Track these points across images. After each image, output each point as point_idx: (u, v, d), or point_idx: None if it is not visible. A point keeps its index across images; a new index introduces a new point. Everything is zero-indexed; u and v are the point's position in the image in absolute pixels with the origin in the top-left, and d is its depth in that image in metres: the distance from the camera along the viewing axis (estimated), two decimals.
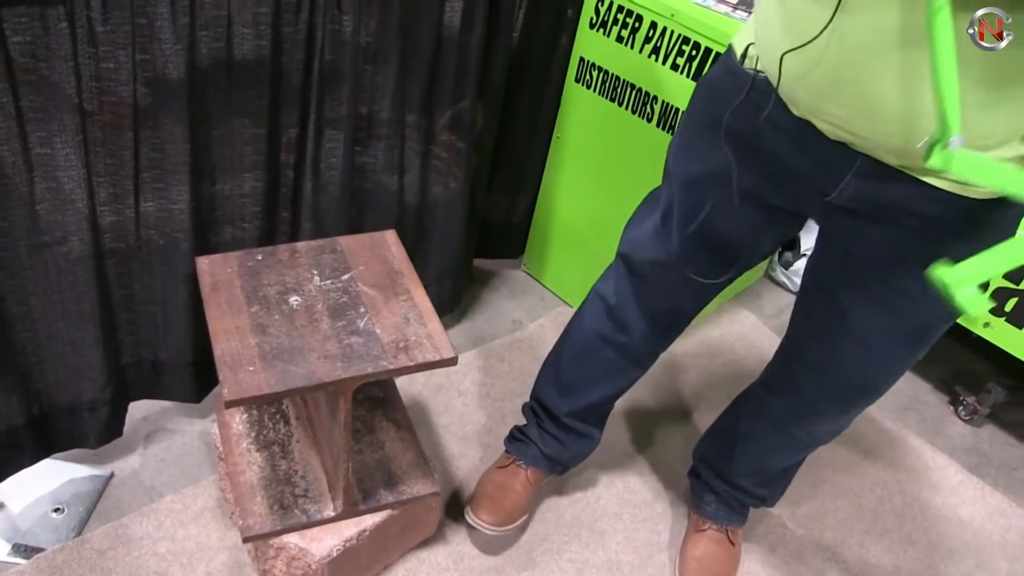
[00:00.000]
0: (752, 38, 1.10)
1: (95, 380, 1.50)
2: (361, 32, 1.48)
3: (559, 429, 1.60)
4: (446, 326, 1.35)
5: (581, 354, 1.53)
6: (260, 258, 1.31)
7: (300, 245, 1.35)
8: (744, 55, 1.12)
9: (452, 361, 1.21)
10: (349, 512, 1.38)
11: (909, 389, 2.23)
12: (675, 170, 1.29)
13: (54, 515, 1.53)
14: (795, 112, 1.05)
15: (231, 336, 1.16)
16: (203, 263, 1.30)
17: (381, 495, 1.42)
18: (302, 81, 1.46)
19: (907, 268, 1.09)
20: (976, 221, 1.03)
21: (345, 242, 1.38)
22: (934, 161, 0.82)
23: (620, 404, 1.98)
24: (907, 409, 2.17)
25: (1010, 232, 1.08)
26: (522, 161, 2.10)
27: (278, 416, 1.51)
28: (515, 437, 1.68)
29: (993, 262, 0.85)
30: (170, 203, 1.42)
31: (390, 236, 1.41)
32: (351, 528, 1.38)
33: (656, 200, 1.35)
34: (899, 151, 0.97)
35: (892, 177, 1.01)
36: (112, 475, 1.63)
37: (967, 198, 0.99)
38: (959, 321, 1.95)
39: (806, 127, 1.04)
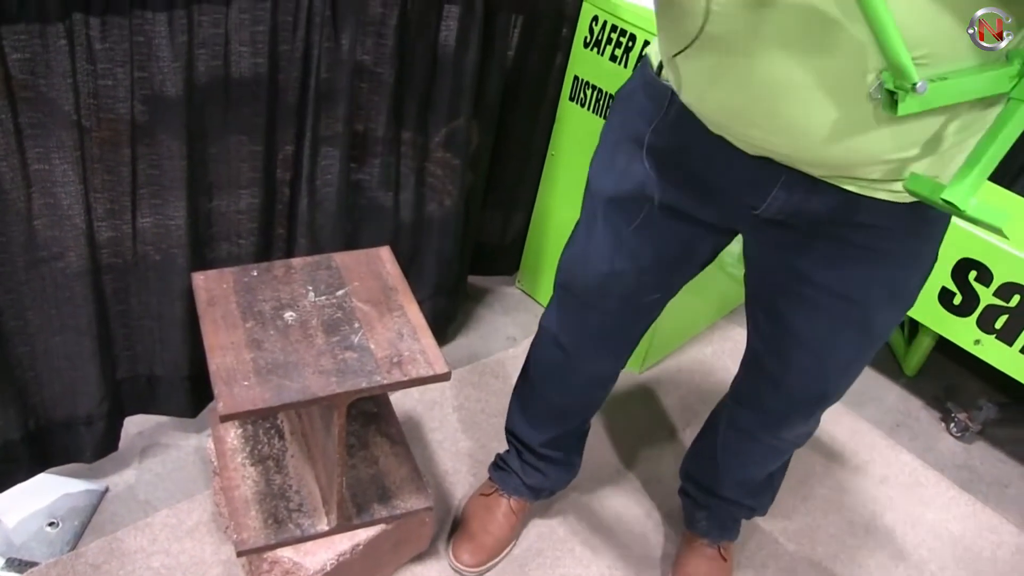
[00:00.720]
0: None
1: (91, 395, 1.51)
2: (357, 50, 1.50)
3: (538, 460, 1.59)
4: (440, 342, 1.36)
5: (539, 386, 1.52)
6: (256, 274, 1.33)
7: (295, 261, 1.37)
8: (660, 67, 1.09)
9: (445, 376, 1.22)
10: (343, 526, 1.39)
11: (901, 405, 2.24)
12: (598, 187, 1.25)
13: (49, 529, 1.53)
14: (711, 129, 1.03)
15: (226, 351, 1.17)
16: (199, 279, 1.31)
17: (375, 510, 1.42)
18: (298, 99, 1.48)
19: (843, 273, 1.09)
20: (906, 221, 1.03)
21: (340, 258, 1.39)
22: (908, 107, 0.81)
23: (612, 421, 1.99)
24: (899, 425, 2.18)
25: (939, 232, 1.09)
26: (516, 179, 2.12)
27: (273, 431, 1.52)
28: (498, 465, 1.68)
29: (983, 166, 0.85)
30: (167, 219, 1.43)
31: (384, 252, 1.43)
32: (345, 542, 1.39)
33: (582, 222, 1.33)
34: (820, 163, 0.96)
35: (818, 188, 1.00)
36: (107, 490, 1.63)
37: (894, 203, 0.99)
38: (951, 339, 1.97)
39: (726, 142, 1.02)
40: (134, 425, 1.73)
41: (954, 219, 1.06)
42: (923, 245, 1.10)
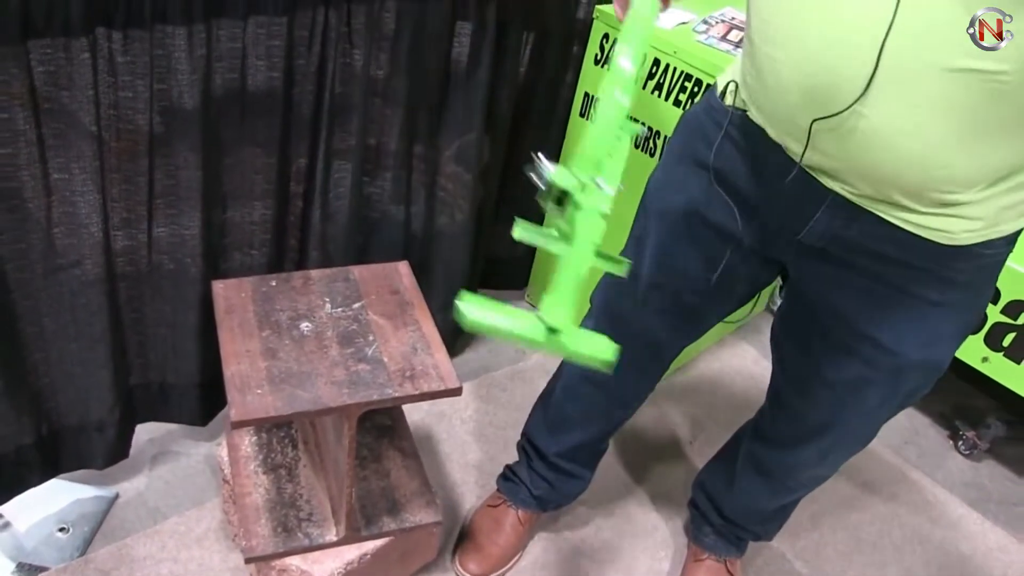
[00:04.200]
0: (733, 76, 1.11)
1: (104, 401, 1.53)
2: (371, 65, 1.52)
3: (548, 469, 1.60)
4: (449, 355, 1.37)
5: (567, 393, 1.53)
6: (274, 284, 1.34)
7: (314, 273, 1.38)
8: (724, 91, 1.13)
9: (457, 391, 1.23)
10: (351, 537, 1.40)
11: (908, 423, 2.24)
12: (653, 204, 1.29)
13: (59, 534, 1.55)
14: (773, 136, 1.04)
15: (241, 359, 1.19)
16: (218, 287, 1.32)
17: (384, 522, 1.43)
18: (313, 112, 1.50)
19: (877, 316, 1.09)
20: (945, 265, 1.02)
21: (358, 271, 1.41)
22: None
23: (620, 435, 1.99)
24: (906, 443, 2.17)
25: (985, 286, 1.08)
26: (527, 193, 2.13)
27: (286, 440, 1.53)
28: (506, 477, 1.69)
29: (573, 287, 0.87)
30: (182, 229, 1.45)
31: (402, 267, 1.44)
32: (352, 552, 1.40)
33: (631, 239, 1.34)
34: (861, 174, 0.97)
35: (861, 215, 1.00)
36: (117, 496, 1.65)
37: (935, 243, 0.99)
38: (958, 356, 1.96)
39: (780, 156, 1.03)
40: (145, 432, 1.75)
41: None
42: (962, 297, 1.08)
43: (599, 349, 0.84)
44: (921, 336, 1.10)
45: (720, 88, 1.14)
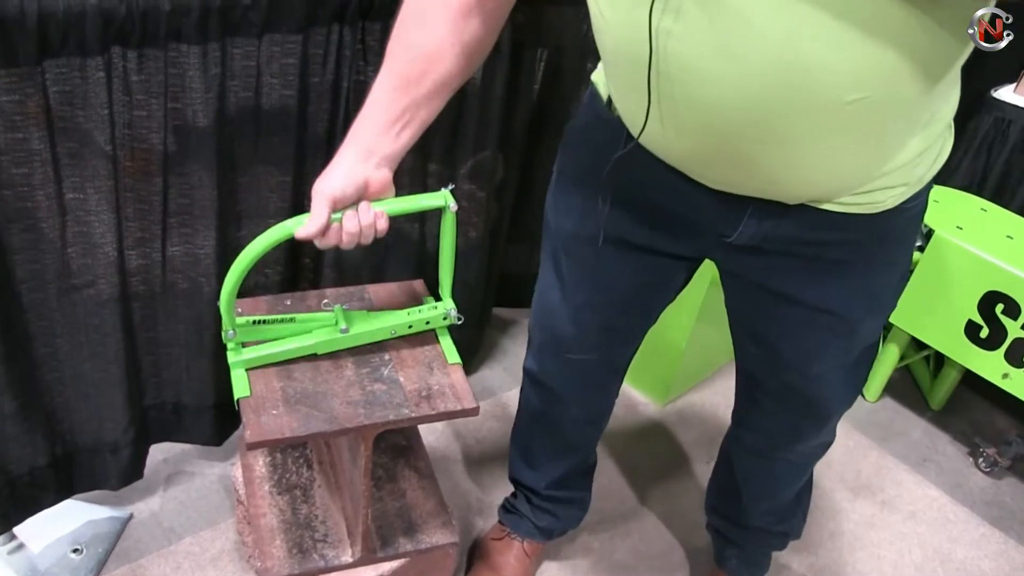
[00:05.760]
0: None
1: (118, 421, 1.52)
2: None
3: (546, 502, 1.57)
4: (464, 374, 1.37)
5: (533, 430, 1.51)
6: (289, 303, 1.33)
7: (329, 292, 1.37)
8: (610, 99, 1.06)
9: (474, 411, 1.22)
10: (367, 559, 1.38)
11: (927, 440, 2.22)
12: (560, 227, 1.23)
13: (73, 555, 1.54)
14: (671, 165, 1.01)
15: (256, 379, 1.18)
16: (234, 307, 1.31)
17: (400, 543, 1.41)
18: (327, 130, 1.49)
19: (822, 289, 1.08)
20: (879, 230, 1.03)
21: (374, 290, 1.40)
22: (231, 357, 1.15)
23: (635, 455, 1.98)
24: (925, 460, 2.15)
25: (912, 234, 1.10)
26: (541, 211, 2.12)
27: (301, 461, 1.52)
28: (508, 509, 1.65)
29: (279, 352, 1.17)
30: (196, 248, 1.45)
31: (418, 285, 1.43)
32: (368, 573, 1.38)
33: (547, 265, 1.31)
34: (788, 196, 0.97)
35: (789, 212, 0.99)
36: (131, 516, 1.64)
37: (867, 215, 0.99)
38: (978, 372, 1.95)
39: (688, 177, 1.01)
40: (159, 452, 1.74)
41: (981, 254, 1.07)
42: (896, 251, 1.10)
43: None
44: (869, 298, 1.11)
45: (604, 95, 1.08)
